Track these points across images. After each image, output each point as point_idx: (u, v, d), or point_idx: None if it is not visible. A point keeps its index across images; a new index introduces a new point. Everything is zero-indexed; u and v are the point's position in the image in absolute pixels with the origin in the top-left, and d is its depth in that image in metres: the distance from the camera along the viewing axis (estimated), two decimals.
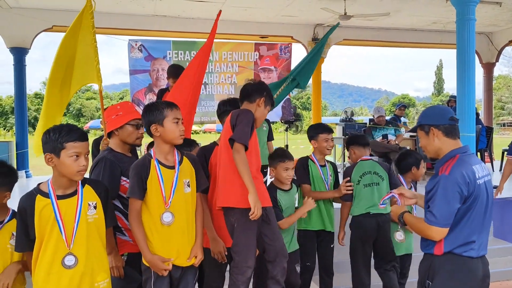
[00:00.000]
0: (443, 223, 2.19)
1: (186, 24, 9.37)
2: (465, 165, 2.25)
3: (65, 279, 2.21)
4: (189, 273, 2.63)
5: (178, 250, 2.55)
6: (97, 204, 2.34)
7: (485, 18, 10.00)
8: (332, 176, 3.71)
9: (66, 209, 2.24)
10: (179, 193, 2.55)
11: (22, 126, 9.55)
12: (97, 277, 2.29)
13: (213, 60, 7.79)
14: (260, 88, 2.89)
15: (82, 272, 2.24)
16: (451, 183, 2.19)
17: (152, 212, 2.51)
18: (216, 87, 7.92)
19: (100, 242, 2.36)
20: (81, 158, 2.21)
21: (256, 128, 2.83)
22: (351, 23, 9.93)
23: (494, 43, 11.80)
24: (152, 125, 2.56)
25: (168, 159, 2.58)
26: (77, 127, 2.27)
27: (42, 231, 2.21)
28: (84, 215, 2.27)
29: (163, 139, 2.57)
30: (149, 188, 2.50)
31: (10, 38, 9.24)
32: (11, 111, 47.36)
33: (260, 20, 9.65)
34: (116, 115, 2.95)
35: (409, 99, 62.92)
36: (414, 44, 11.84)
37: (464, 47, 6.11)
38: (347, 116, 9.95)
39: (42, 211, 2.22)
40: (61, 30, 9.61)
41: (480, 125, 8.32)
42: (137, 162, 2.59)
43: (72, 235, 2.22)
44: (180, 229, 2.54)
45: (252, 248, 2.69)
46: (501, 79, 55.79)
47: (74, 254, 2.23)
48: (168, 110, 2.56)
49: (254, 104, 2.83)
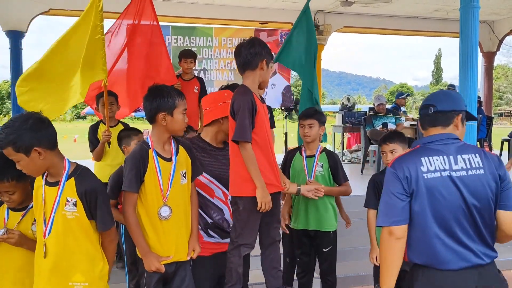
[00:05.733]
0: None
1: (185, 9, 9.24)
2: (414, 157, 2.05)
3: (42, 265, 2.17)
4: (184, 266, 2.55)
5: (175, 245, 2.47)
6: (77, 202, 2.14)
7: (487, 7, 9.91)
8: (324, 167, 3.44)
9: (49, 197, 2.15)
10: (176, 185, 2.46)
11: (19, 111, 9.45)
12: (72, 277, 2.17)
13: (213, 46, 7.69)
14: (258, 50, 2.65)
15: (53, 266, 2.15)
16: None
17: (148, 207, 2.40)
18: (216, 73, 7.83)
19: (85, 243, 2.19)
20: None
21: (263, 88, 2.79)
22: (352, 9, 9.84)
23: (495, 32, 11.71)
24: (161, 113, 2.41)
25: (165, 149, 2.48)
26: None
27: (38, 212, 2.20)
28: (61, 209, 2.13)
29: (167, 129, 2.45)
30: (146, 181, 2.39)
31: (6, 21, 9.10)
32: (7, 96, 46.99)
33: (261, 6, 9.53)
34: (224, 103, 2.73)
35: (407, 88, 62.88)
36: (415, 32, 11.74)
37: (468, 35, 6.01)
38: (348, 104, 9.89)
39: (37, 191, 2.19)
40: (58, 13, 9.47)
41: (481, 114, 8.28)
42: (134, 154, 2.44)
43: (47, 225, 2.14)
44: (178, 222, 2.47)
45: (254, 230, 2.67)
46: (499, 68, 55.76)
47: (46, 245, 2.14)
48: (179, 100, 2.44)
49: (256, 70, 2.66)
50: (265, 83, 2.74)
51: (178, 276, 2.52)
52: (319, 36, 10.54)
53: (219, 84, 7.58)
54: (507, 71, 57.49)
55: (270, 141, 2.72)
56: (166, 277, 2.51)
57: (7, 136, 2.00)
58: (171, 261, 2.47)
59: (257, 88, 2.71)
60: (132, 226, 2.39)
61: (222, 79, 7.83)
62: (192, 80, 5.43)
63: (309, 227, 3.43)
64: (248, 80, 2.68)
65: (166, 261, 2.44)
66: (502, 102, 53.13)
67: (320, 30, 10.52)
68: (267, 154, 2.66)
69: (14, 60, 9.31)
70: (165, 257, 2.44)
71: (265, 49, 2.68)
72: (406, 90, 59.01)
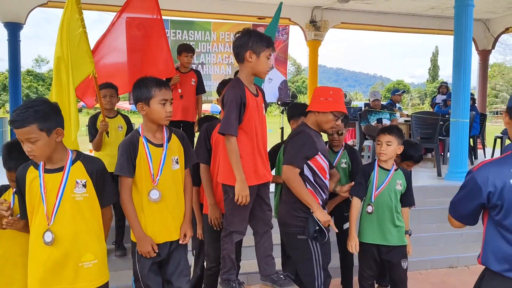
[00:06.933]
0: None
1: (184, 3, 9.29)
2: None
3: (44, 254, 2.18)
4: (179, 249, 2.63)
5: (167, 226, 2.55)
6: (87, 182, 2.24)
7: (483, 5, 10.00)
8: (347, 164, 3.75)
9: (51, 184, 2.18)
10: (167, 170, 2.54)
11: (16, 102, 9.48)
12: (82, 257, 2.23)
13: (211, 40, 7.76)
14: (243, 42, 2.64)
15: (65, 251, 2.19)
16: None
17: (139, 190, 2.50)
18: (214, 67, 7.90)
19: (92, 222, 2.28)
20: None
21: (262, 78, 2.80)
22: (349, 6, 9.91)
23: (490, 30, 11.81)
24: (139, 103, 2.52)
25: (156, 137, 2.56)
26: None
27: (32, 203, 2.20)
28: (69, 192, 2.19)
29: (149, 118, 2.54)
30: (137, 166, 2.49)
31: (4, 12, 9.11)
32: (3, 88, 46.79)
33: (258, 1, 9.58)
34: (325, 99, 2.96)
35: (404, 85, 62.92)
36: (412, 29, 11.84)
37: (462, 33, 6.11)
38: (345, 101, 9.96)
39: (32, 183, 2.19)
40: (56, 5, 9.47)
41: (474, 111, 8.39)
42: (125, 140, 2.55)
43: (52, 211, 2.17)
44: (169, 206, 2.55)
45: (244, 217, 2.76)
46: (495, 67, 55.95)
47: (52, 231, 2.16)
48: (156, 90, 2.49)
49: (245, 62, 2.66)
50: (260, 74, 2.71)
51: (173, 260, 2.62)
52: (317, 32, 10.62)
53: (216, 78, 7.64)
54: (503, 70, 57.69)
55: (259, 131, 2.75)
56: (161, 261, 2.60)
57: (36, 113, 2.04)
58: (164, 240, 2.56)
59: (251, 80, 2.74)
60: (127, 209, 2.50)
61: (220, 73, 7.89)
62: (189, 72, 5.51)
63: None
64: (241, 73, 2.73)
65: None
66: (498, 100, 53.32)
67: (317, 26, 10.59)
68: (256, 145, 2.72)
69: (12, 51, 9.34)
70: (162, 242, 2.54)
71: (252, 39, 2.62)
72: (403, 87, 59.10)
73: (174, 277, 2.61)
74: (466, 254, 5.00)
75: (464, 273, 4.81)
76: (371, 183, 3.31)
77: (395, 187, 3.29)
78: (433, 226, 5.40)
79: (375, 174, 3.31)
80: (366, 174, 3.33)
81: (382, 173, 3.31)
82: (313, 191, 2.96)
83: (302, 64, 63.24)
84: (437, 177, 6.60)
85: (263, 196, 2.82)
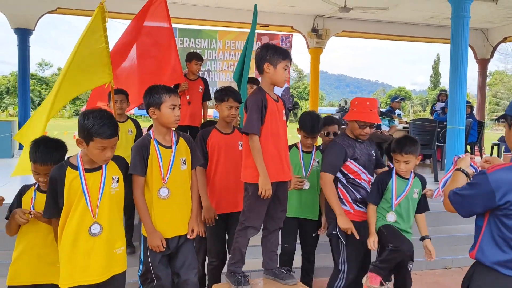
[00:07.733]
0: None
1: (190, 11, 9.49)
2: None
3: (89, 245, 2.44)
4: (187, 244, 2.86)
5: (175, 222, 2.80)
6: (119, 178, 2.57)
7: (481, 15, 10.20)
8: (319, 163, 3.69)
9: (92, 182, 2.46)
10: (176, 170, 2.79)
11: (25, 106, 9.72)
12: (115, 244, 2.53)
13: (217, 48, 8.01)
14: (262, 55, 2.91)
15: (106, 239, 2.48)
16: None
17: (150, 188, 2.74)
18: (219, 74, 8.14)
19: (119, 213, 2.59)
20: (107, 150, 2.43)
21: (281, 87, 3.10)
22: (351, 15, 10.12)
23: (489, 39, 12.02)
24: (150, 108, 2.79)
25: (166, 139, 2.82)
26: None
27: (71, 201, 2.43)
28: (107, 187, 2.49)
29: (159, 122, 2.80)
30: (149, 165, 2.73)
31: (15, 18, 9.36)
32: (6, 91, 47.13)
33: (262, 10, 9.80)
34: (351, 109, 3.40)
35: (405, 92, 63.10)
36: (411, 38, 12.04)
37: (458, 43, 6.34)
38: (345, 107, 10.17)
39: (72, 182, 2.43)
40: (65, 12, 9.73)
41: (471, 119, 8.57)
42: (138, 143, 2.81)
43: (96, 206, 2.45)
44: (177, 202, 2.79)
45: (260, 214, 2.95)
46: (497, 74, 56.11)
47: (99, 223, 2.46)
48: (166, 96, 2.76)
49: (264, 73, 2.93)
50: (278, 83, 2.97)
51: (181, 254, 2.85)
52: (318, 39, 10.85)
53: (222, 85, 7.81)
54: (505, 77, 57.85)
55: (281, 133, 2.98)
56: (170, 254, 2.83)
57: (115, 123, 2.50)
58: (172, 235, 2.79)
59: (271, 89, 2.99)
60: (139, 206, 2.74)
61: (225, 80, 8.13)
62: (197, 80, 5.70)
63: (307, 216, 3.75)
64: (262, 83, 3.02)
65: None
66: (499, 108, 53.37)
67: (319, 34, 10.81)
68: (277, 145, 2.92)
69: (22, 57, 9.59)
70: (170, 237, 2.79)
71: (269, 52, 2.88)
72: (404, 94, 59.26)
73: (183, 270, 2.82)
74: (460, 256, 5.16)
75: (458, 274, 4.97)
76: (390, 191, 3.34)
77: (413, 196, 3.35)
78: (428, 229, 5.55)
79: (393, 183, 3.34)
80: (383, 183, 3.36)
81: (401, 182, 3.35)
82: (344, 190, 3.38)
83: (304, 70, 63.52)
84: (434, 182, 6.79)
85: (280, 197, 3.00)
